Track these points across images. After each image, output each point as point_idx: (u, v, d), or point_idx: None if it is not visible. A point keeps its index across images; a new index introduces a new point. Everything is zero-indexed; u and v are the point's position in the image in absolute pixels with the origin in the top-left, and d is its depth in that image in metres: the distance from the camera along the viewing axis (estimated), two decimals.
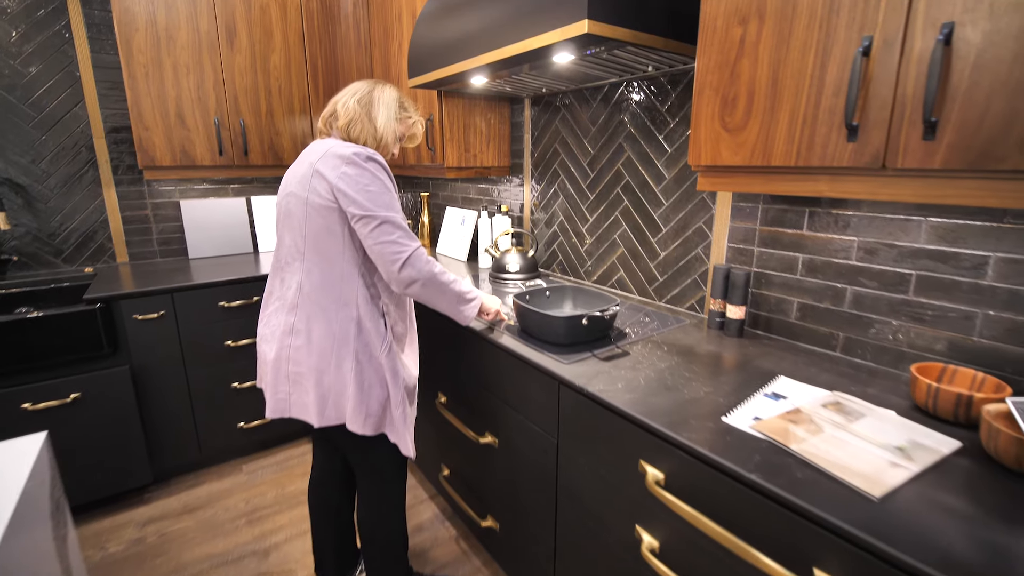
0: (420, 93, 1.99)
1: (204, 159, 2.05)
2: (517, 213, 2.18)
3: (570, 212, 1.90)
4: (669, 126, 1.49)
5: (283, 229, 1.21)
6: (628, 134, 1.61)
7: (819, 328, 1.23)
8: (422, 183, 2.88)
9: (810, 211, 1.21)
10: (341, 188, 1.11)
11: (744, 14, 0.92)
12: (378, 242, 1.11)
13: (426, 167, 2.11)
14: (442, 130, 1.92)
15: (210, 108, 2.01)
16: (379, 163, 1.16)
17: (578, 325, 1.19)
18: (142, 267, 2.21)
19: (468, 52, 1.36)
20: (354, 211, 1.10)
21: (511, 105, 2.08)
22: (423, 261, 1.14)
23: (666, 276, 1.59)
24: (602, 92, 1.67)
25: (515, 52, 1.19)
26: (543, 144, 1.96)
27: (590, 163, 1.77)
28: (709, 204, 1.42)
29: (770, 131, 0.91)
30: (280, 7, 2.05)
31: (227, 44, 1.98)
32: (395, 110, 1.30)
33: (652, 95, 1.52)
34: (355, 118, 1.24)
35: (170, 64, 1.90)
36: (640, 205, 1.62)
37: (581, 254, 1.88)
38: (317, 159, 1.15)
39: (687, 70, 1.40)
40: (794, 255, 1.26)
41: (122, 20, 1.79)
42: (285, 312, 1.18)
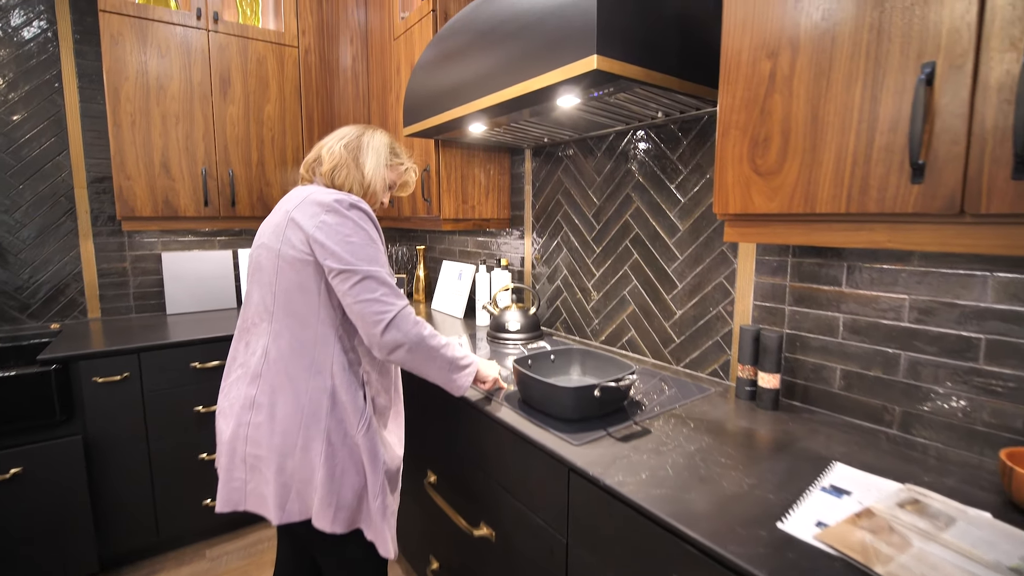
0: (417, 143, 1.92)
1: (188, 210, 1.95)
2: (517, 267, 2.05)
3: (575, 266, 1.77)
4: (681, 175, 1.38)
5: (252, 285, 1.07)
6: (636, 183, 1.51)
7: (869, 400, 1.05)
8: (418, 236, 2.78)
9: (849, 265, 1.07)
10: (318, 239, 0.97)
11: (773, 47, 0.81)
12: (359, 300, 0.96)
13: (422, 219, 2.00)
14: (439, 180, 1.82)
15: (198, 158, 1.93)
16: (363, 211, 1.03)
17: (589, 397, 1.01)
18: (114, 324, 2.05)
19: (465, 97, 1.27)
20: (332, 265, 0.96)
21: (511, 156, 2.00)
22: (410, 322, 0.99)
23: (683, 337, 1.42)
24: (607, 141, 1.59)
25: (517, 94, 1.09)
26: (545, 195, 1.86)
27: (595, 214, 1.66)
28: (730, 258, 1.29)
29: (812, 174, 0.78)
30: (278, 59, 2.02)
31: (220, 94, 1.93)
32: (385, 156, 1.19)
33: (661, 143, 1.42)
34: (340, 163, 1.13)
35: (159, 113, 1.83)
36: (652, 259, 1.49)
37: (587, 312, 1.73)
38: (294, 207, 1.03)
39: (699, 116, 1.31)
40: (833, 315, 1.10)
41: (112, 69, 1.74)
42: (246, 382, 1.00)
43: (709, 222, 1.33)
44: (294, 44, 2.04)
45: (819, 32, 0.76)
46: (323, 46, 2.11)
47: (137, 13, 1.73)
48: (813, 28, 0.76)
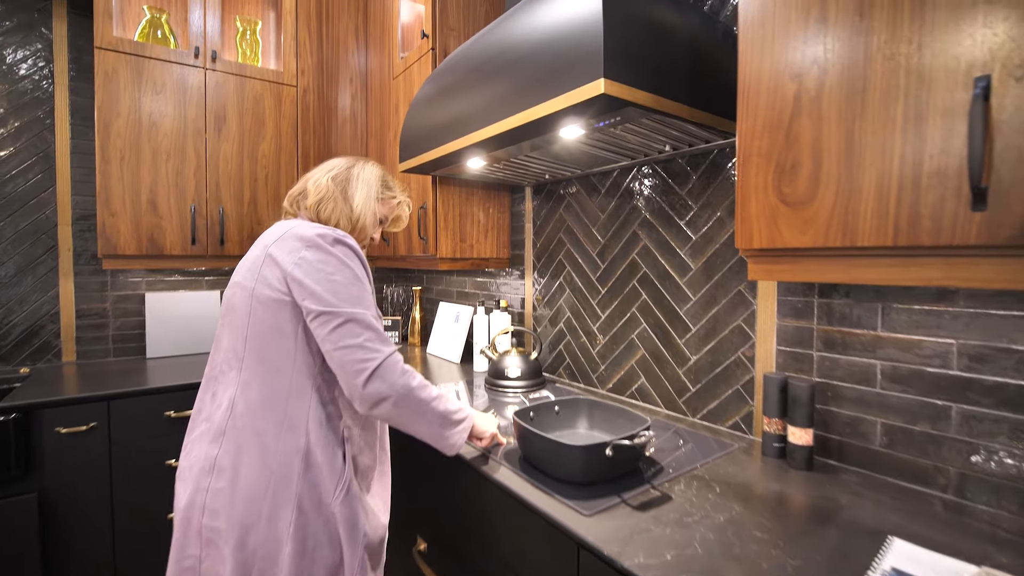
0: (414, 180, 1.86)
1: (174, 248, 1.87)
2: (518, 309, 1.95)
3: (578, 308, 1.66)
4: (691, 211, 1.30)
5: (223, 329, 0.96)
6: (643, 220, 1.43)
7: (917, 460, 0.93)
8: (415, 276, 2.69)
9: (883, 306, 0.97)
10: (297, 277, 0.87)
11: (797, 68, 0.75)
12: (339, 346, 0.85)
13: (418, 258, 1.92)
14: (436, 218, 1.75)
15: (187, 195, 1.87)
16: (349, 247, 0.94)
17: (600, 457, 0.88)
18: (88, 368, 1.93)
19: (463, 130, 1.21)
20: (311, 306, 0.86)
21: (511, 194, 1.94)
22: (397, 372, 0.88)
23: (699, 386, 1.30)
24: (611, 177, 1.52)
25: (517, 124, 1.03)
26: (546, 234, 1.79)
27: (600, 253, 1.57)
28: (748, 298, 1.19)
29: (850, 203, 0.70)
30: (275, 98, 2.00)
31: (215, 131, 1.89)
32: (376, 188, 1.12)
33: (669, 178, 1.35)
34: (327, 196, 1.05)
35: (149, 150, 1.78)
36: (661, 300, 1.39)
37: (592, 357, 1.61)
38: (272, 241, 0.94)
39: (708, 150, 1.25)
40: (869, 361, 0.99)
41: (104, 105, 1.70)
42: (208, 440, 0.88)
43: (724, 260, 1.24)
44: (292, 83, 2.02)
45: (848, 49, 0.69)
46: (322, 85, 2.09)
47: (134, 51, 1.72)
48: (841, 46, 0.70)
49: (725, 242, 1.23)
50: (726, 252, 1.23)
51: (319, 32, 2.08)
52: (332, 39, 2.11)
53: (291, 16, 2.00)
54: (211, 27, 1.84)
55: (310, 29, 2.05)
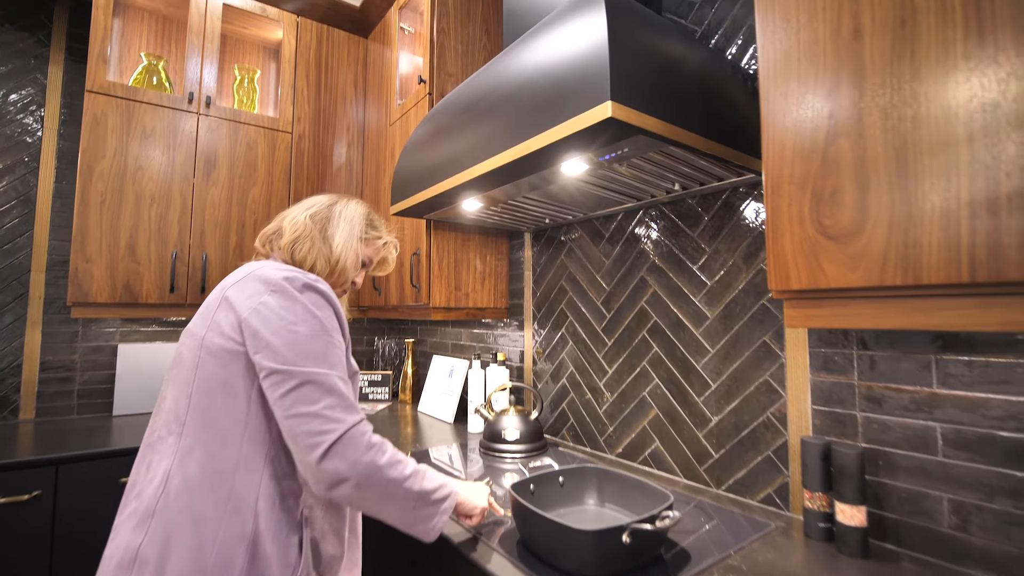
0: (407, 225, 1.78)
1: (150, 296, 1.75)
2: (516, 363, 1.81)
3: (582, 362, 1.52)
4: (704, 254, 1.20)
5: (167, 385, 0.82)
6: (652, 265, 1.32)
7: (998, 546, 0.76)
8: (408, 328, 2.56)
9: (937, 358, 0.84)
10: (253, 325, 0.75)
11: (830, 85, 0.66)
12: (291, 413, 0.71)
13: (410, 307, 1.80)
14: (429, 265, 1.65)
15: (170, 240, 1.78)
16: (320, 294, 0.82)
17: (615, 544, 0.72)
18: (46, 426, 1.75)
19: (457, 167, 1.13)
20: (264, 362, 0.73)
21: (510, 240, 1.85)
22: (360, 447, 0.73)
23: (723, 451, 1.14)
24: (615, 221, 1.43)
25: (516, 156, 0.94)
26: (547, 281, 1.68)
27: (605, 301, 1.45)
28: (775, 350, 1.06)
29: (909, 232, 0.58)
30: (269, 143, 1.96)
31: (204, 176, 1.83)
32: (360, 228, 1.02)
33: (678, 219, 1.26)
34: (303, 235, 0.94)
35: (132, 194, 1.71)
36: (675, 352, 1.25)
37: (599, 416, 1.45)
38: (232, 283, 0.82)
39: (720, 188, 1.16)
40: (926, 424, 0.85)
41: (88, 147, 1.64)
42: (134, 524, 0.72)
43: (744, 307, 1.12)
44: (288, 130, 1.99)
45: (890, 52, 0.60)
46: (318, 132, 2.07)
47: (125, 95, 1.69)
48: (881, 55, 0.61)
49: (744, 288, 1.12)
50: (746, 299, 1.11)
51: (318, 81, 2.07)
52: (330, 88, 2.11)
53: (290, 65, 2.00)
54: (208, 74, 1.83)
55: (308, 78, 2.05)
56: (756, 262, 1.10)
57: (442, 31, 1.65)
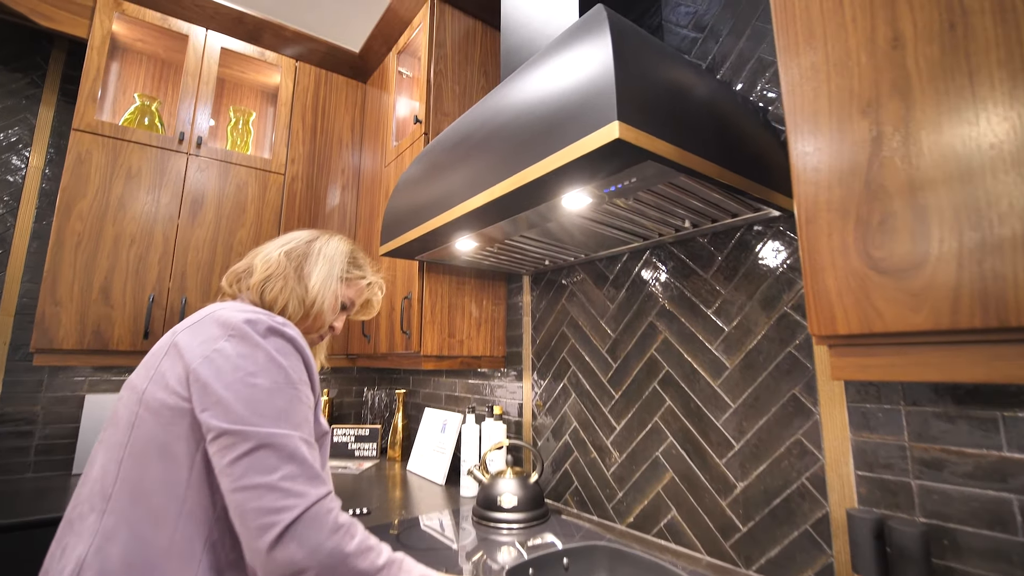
0: (399, 267, 1.68)
1: (122, 342, 1.63)
2: (514, 416, 1.66)
3: (587, 416, 1.38)
4: (719, 297, 1.09)
5: (98, 448, 0.70)
6: (661, 309, 1.21)
7: None
8: (401, 378, 2.42)
9: (1005, 415, 0.71)
10: (202, 376, 0.64)
11: (868, 97, 0.58)
12: (241, 485, 0.59)
13: (400, 355, 1.68)
14: (421, 310, 1.54)
15: (148, 283, 1.68)
16: (287, 339, 0.71)
17: None
18: None
19: (449, 203, 1.05)
20: (214, 421, 0.61)
21: (507, 284, 1.76)
22: (326, 528, 0.60)
23: (752, 524, 0.99)
24: (620, 262, 1.34)
25: (512, 187, 0.86)
26: (547, 328, 1.56)
27: (611, 349, 1.33)
28: (807, 405, 0.93)
29: (986, 263, 0.48)
30: (260, 184, 1.90)
31: (189, 217, 1.76)
32: (341, 266, 0.92)
33: (689, 260, 1.16)
34: (276, 273, 0.84)
35: (112, 234, 1.63)
36: (691, 406, 1.12)
37: (607, 480, 1.30)
38: (184, 327, 0.72)
39: (734, 226, 1.07)
40: (999, 495, 0.71)
41: (69, 186, 1.58)
42: None
43: (768, 356, 1.00)
44: (280, 171, 1.95)
45: (939, 57, 0.52)
46: (312, 174, 2.02)
47: (113, 134, 1.64)
48: (929, 62, 0.53)
49: (767, 335, 1.00)
50: (770, 347, 1.00)
51: (314, 124, 2.05)
52: (327, 131, 2.08)
53: (286, 108, 1.98)
54: (201, 115, 1.80)
55: (304, 120, 2.03)
56: (779, 305, 0.99)
57: (439, 72, 1.63)
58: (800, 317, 0.96)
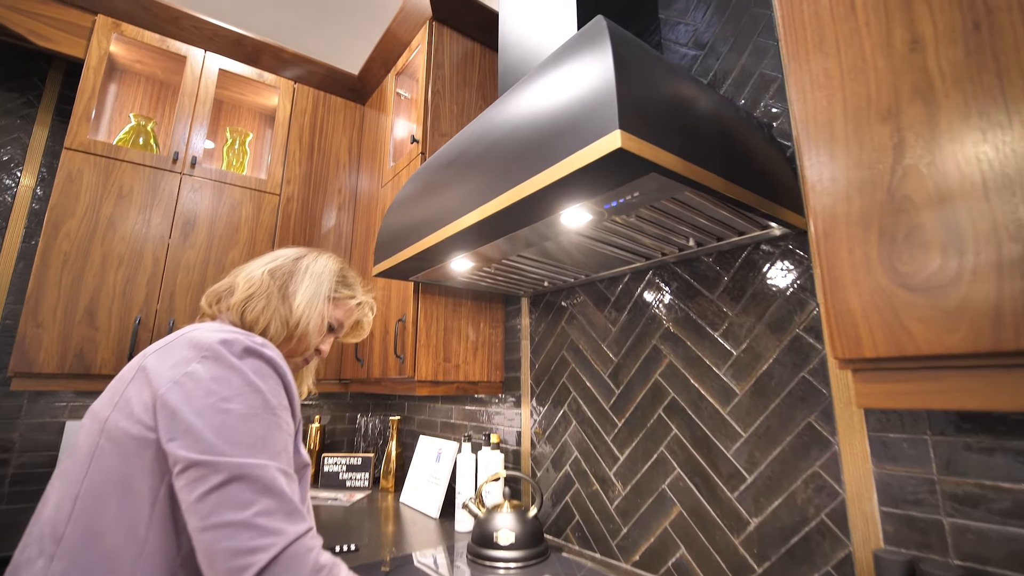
0: (394, 289, 1.64)
1: (104, 366, 1.57)
2: (512, 445, 1.59)
3: (588, 446, 1.31)
4: (726, 319, 1.04)
5: (53, 483, 0.64)
6: (665, 332, 1.16)
7: None
8: (396, 404, 2.34)
9: None
10: (170, 402, 0.59)
11: (887, 102, 0.54)
12: (211, 523, 0.53)
13: (393, 380, 1.61)
14: (415, 333, 1.49)
15: (135, 304, 1.63)
16: (266, 360, 0.66)
17: None
18: None
19: (444, 220, 1.01)
20: (182, 451, 0.56)
21: (505, 306, 1.71)
22: (305, 569, 0.54)
23: (768, 564, 0.91)
24: (622, 282, 1.29)
25: (508, 203, 0.82)
26: (547, 351, 1.51)
27: (613, 374, 1.28)
28: (824, 434, 0.87)
29: None
30: (255, 205, 1.87)
31: (180, 237, 1.72)
32: (329, 285, 0.87)
33: (694, 280, 1.12)
34: (259, 292, 0.80)
35: (100, 255, 1.59)
36: (699, 435, 1.06)
37: (610, 514, 1.22)
38: (155, 349, 0.67)
39: (740, 245, 1.03)
40: None
41: (58, 205, 1.55)
42: None
43: (780, 382, 0.94)
44: (276, 191, 1.92)
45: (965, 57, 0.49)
46: (307, 195, 1.99)
47: (106, 153, 1.62)
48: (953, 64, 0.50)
49: (779, 358, 0.95)
50: (782, 371, 0.94)
51: (311, 144, 2.04)
52: (324, 151, 2.07)
53: (283, 128, 1.97)
54: (196, 135, 1.78)
55: (302, 141, 2.01)
56: (790, 328, 0.94)
57: (437, 92, 1.62)
58: (814, 340, 0.91)
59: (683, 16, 1.21)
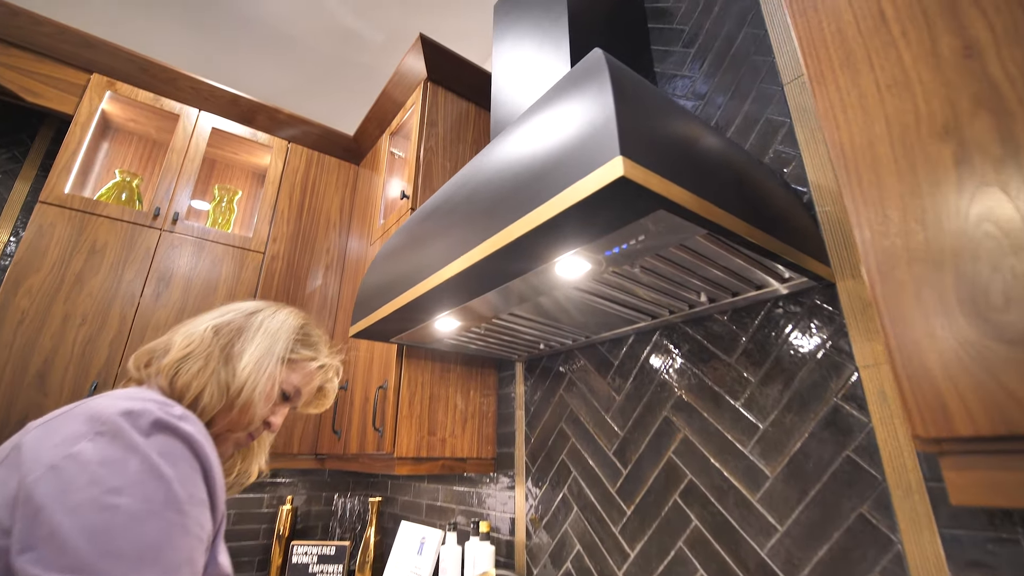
0: (376, 351, 1.50)
1: None
2: (505, 535, 1.38)
3: (593, 538, 1.12)
4: (748, 385, 0.91)
5: None
6: (678, 402, 1.02)
7: None
8: (379, 482, 2.12)
9: None
10: (37, 497, 0.45)
11: (942, 117, 0.45)
12: None
13: (371, 457, 1.44)
14: (397, 402, 1.34)
15: (93, 368, 1.49)
16: (181, 438, 0.53)
17: None
18: None
19: (423, 274, 0.90)
20: (34, 569, 0.42)
21: (498, 372, 1.56)
22: None
23: None
24: (626, 345, 1.17)
25: (494, 249, 0.71)
26: (544, 423, 1.34)
27: (619, 451, 1.11)
28: (882, 530, 0.70)
29: None
30: (237, 263, 1.78)
31: (152, 296, 1.61)
32: (285, 344, 0.75)
33: (707, 341, 0.99)
34: (195, 352, 0.67)
35: (61, 314, 1.48)
36: (724, 528, 0.88)
37: None
38: (41, 422, 0.53)
39: (759, 300, 0.92)
40: None
41: (23, 260, 1.45)
42: None
43: (820, 462, 0.79)
44: (260, 250, 1.84)
45: None
46: (293, 253, 1.91)
47: (83, 207, 1.55)
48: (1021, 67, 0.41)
49: (815, 432, 0.80)
50: (820, 449, 0.79)
51: (301, 203, 1.99)
52: (314, 210, 2.01)
53: (273, 186, 1.93)
54: (182, 192, 1.73)
55: (292, 199, 1.97)
56: (826, 396, 0.80)
57: (430, 149, 1.59)
58: (855, 410, 0.76)
59: (679, 68, 1.18)
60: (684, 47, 1.19)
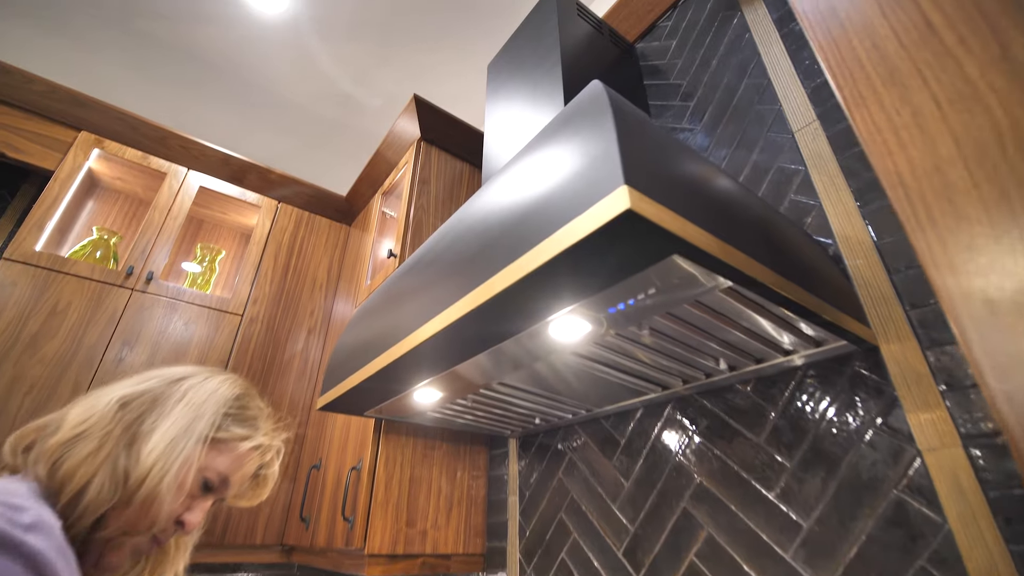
0: (353, 427, 1.34)
1: None
2: None
3: None
4: (784, 471, 0.75)
5: None
6: (698, 489, 0.85)
7: None
8: None
9: None
10: None
11: None
12: None
13: (339, 552, 1.23)
14: (371, 486, 1.16)
15: None
16: (23, 559, 0.39)
17: None
18: None
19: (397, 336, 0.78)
20: None
21: (489, 450, 1.39)
22: None
23: None
24: (633, 419, 1.02)
25: (476, 304, 0.60)
26: (541, 511, 1.16)
27: (630, 550, 0.93)
28: None
29: None
30: (211, 326, 1.66)
31: (114, 360, 1.47)
32: (211, 419, 0.62)
33: (729, 416, 0.85)
34: (91, 430, 0.55)
35: (9, 377, 1.33)
36: None
37: None
38: None
39: (788, 369, 0.78)
40: None
41: None
42: None
43: (883, 569, 0.62)
44: (238, 312, 1.72)
45: None
46: (274, 316, 1.79)
47: (49, 265, 1.46)
48: None
49: (874, 535, 0.64)
50: (886, 558, 0.63)
51: (287, 264, 1.90)
52: (300, 271, 1.92)
53: (258, 246, 1.85)
54: (160, 251, 1.65)
55: (277, 260, 1.88)
56: (884, 488, 0.65)
57: (421, 207, 1.52)
58: (924, 506, 0.61)
59: (679, 121, 1.13)
60: (682, 101, 1.15)
